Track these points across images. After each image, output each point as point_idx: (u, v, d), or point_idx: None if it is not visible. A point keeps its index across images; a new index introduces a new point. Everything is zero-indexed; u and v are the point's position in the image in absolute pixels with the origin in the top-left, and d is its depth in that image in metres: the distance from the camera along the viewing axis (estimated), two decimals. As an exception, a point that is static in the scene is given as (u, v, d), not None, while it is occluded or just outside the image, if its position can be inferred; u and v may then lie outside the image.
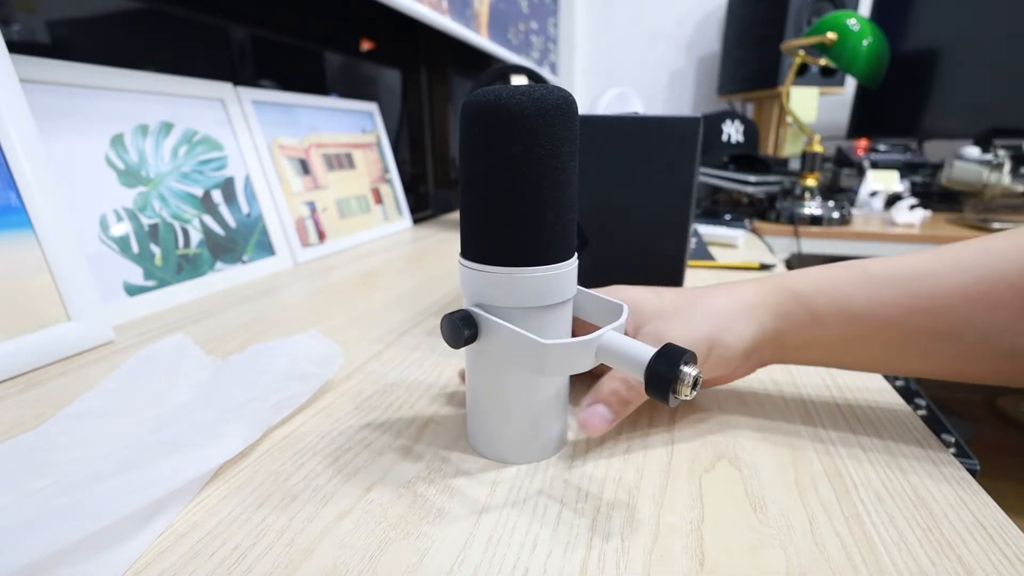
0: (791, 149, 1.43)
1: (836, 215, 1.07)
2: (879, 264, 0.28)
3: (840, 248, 1.05)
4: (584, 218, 0.40)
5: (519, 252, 0.24)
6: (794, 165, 1.28)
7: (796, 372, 0.38)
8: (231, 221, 0.62)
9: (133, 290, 0.50)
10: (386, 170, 0.95)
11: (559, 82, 1.77)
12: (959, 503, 0.24)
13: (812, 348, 0.30)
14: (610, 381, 0.28)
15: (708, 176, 1.20)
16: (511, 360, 0.25)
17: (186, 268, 0.56)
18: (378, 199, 0.91)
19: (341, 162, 0.84)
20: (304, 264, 0.70)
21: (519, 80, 0.85)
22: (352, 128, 0.88)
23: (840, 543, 0.22)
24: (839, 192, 1.33)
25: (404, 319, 0.50)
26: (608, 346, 0.24)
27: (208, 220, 0.59)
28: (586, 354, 0.24)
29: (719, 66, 1.63)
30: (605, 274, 0.40)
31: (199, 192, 0.59)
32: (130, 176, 0.52)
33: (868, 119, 1.48)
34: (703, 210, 1.16)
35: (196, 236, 0.57)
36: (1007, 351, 0.25)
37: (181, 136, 0.58)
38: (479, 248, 0.25)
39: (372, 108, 0.94)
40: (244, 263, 0.63)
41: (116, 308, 0.48)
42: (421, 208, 1.16)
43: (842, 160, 1.39)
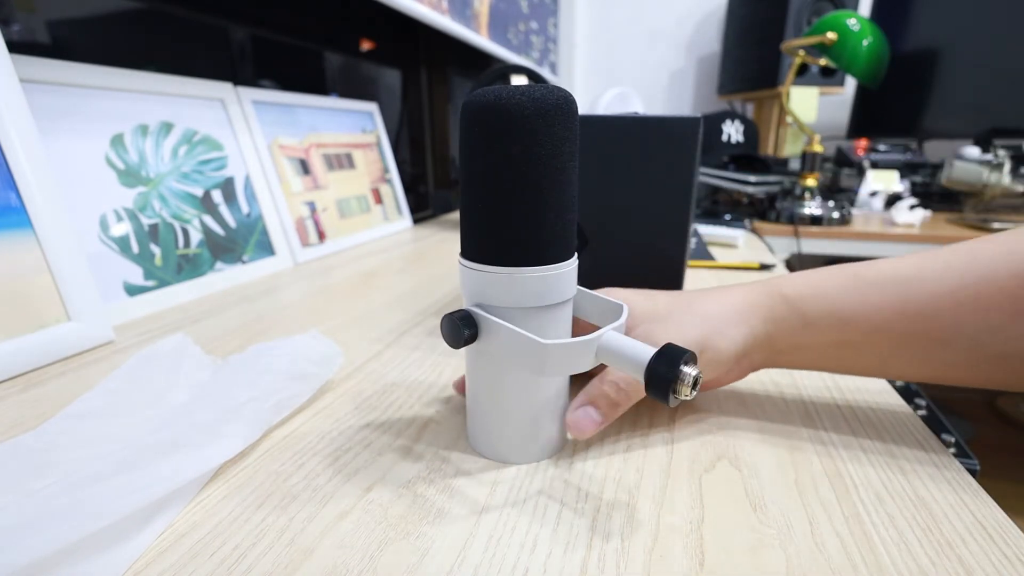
0: (791, 149, 1.43)
1: (836, 215, 1.07)
2: (870, 268, 0.28)
3: (840, 248, 1.05)
4: (584, 218, 0.40)
5: (519, 252, 0.24)
6: (794, 165, 1.28)
7: (796, 373, 0.38)
8: (231, 221, 0.62)
9: (133, 290, 0.50)
10: (386, 170, 0.95)
11: (559, 82, 1.77)
12: (959, 503, 0.24)
13: (803, 352, 0.30)
14: (599, 383, 0.28)
15: (708, 176, 1.20)
16: (511, 360, 0.25)
17: (186, 268, 0.56)
18: (378, 199, 0.91)
19: (341, 162, 0.84)
20: (304, 264, 0.71)
21: (519, 80, 0.85)
22: (352, 128, 0.88)
23: (840, 543, 0.22)
24: (839, 192, 1.33)
25: (404, 319, 0.50)
26: (608, 346, 0.24)
27: (208, 220, 0.59)
28: (586, 354, 0.24)
29: (719, 66, 1.63)
30: (605, 274, 0.40)
31: (199, 192, 0.59)
32: (130, 176, 0.52)
33: (868, 119, 1.48)
34: (703, 210, 1.16)
35: (196, 236, 0.57)
36: (998, 355, 0.25)
37: (181, 136, 0.58)
38: (479, 248, 0.25)
39: (372, 108, 0.94)
40: (244, 263, 0.63)
41: (116, 308, 0.48)
42: (421, 208, 1.16)
43: (842, 160, 1.39)
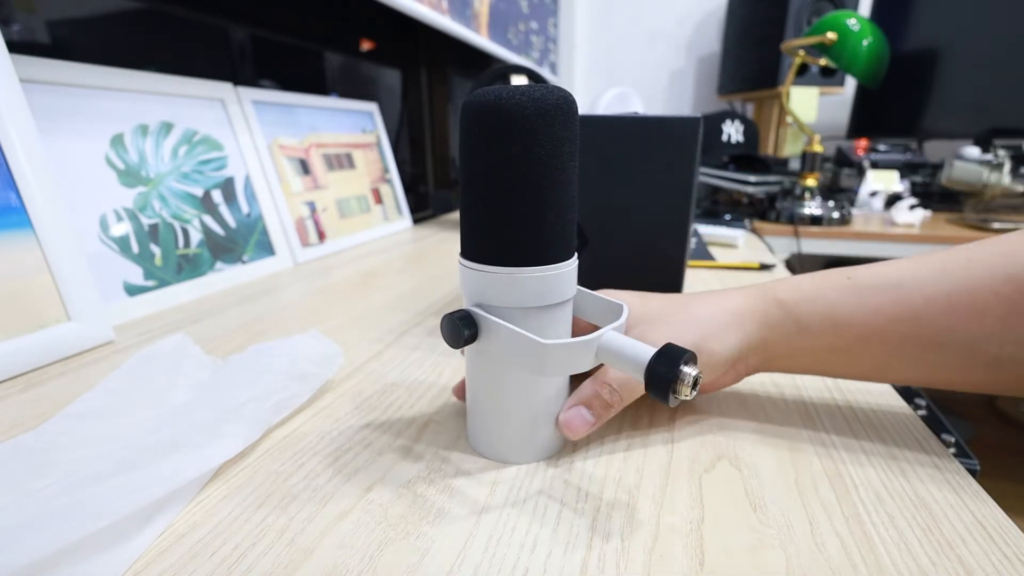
0: (791, 149, 1.43)
1: (836, 215, 1.07)
2: (865, 272, 0.28)
3: (840, 248, 1.05)
4: (584, 218, 0.40)
5: (519, 252, 0.24)
6: (794, 165, 1.28)
7: (796, 372, 0.38)
8: (231, 221, 0.62)
9: (133, 290, 0.50)
10: (386, 170, 0.95)
11: (559, 82, 1.77)
12: (959, 503, 0.24)
13: (798, 357, 0.30)
14: (592, 384, 0.28)
15: (708, 176, 1.20)
16: (511, 360, 0.25)
17: (186, 268, 0.56)
18: (378, 199, 0.91)
19: (341, 162, 0.84)
20: (304, 264, 0.71)
21: (519, 80, 0.85)
22: (352, 128, 0.88)
23: (840, 543, 0.22)
24: (839, 192, 1.33)
25: (404, 319, 0.50)
26: (608, 346, 0.24)
27: (208, 220, 0.59)
28: (586, 354, 0.24)
29: (719, 66, 1.63)
30: (605, 274, 0.40)
31: (199, 192, 0.59)
32: (130, 176, 0.52)
33: (868, 119, 1.48)
34: (703, 210, 1.16)
35: (196, 236, 0.57)
36: (993, 359, 0.25)
37: (181, 136, 0.58)
38: (479, 248, 0.25)
39: (372, 108, 0.94)
40: (244, 263, 0.63)
41: (116, 308, 0.48)
42: (421, 208, 1.16)
43: (842, 160, 1.39)
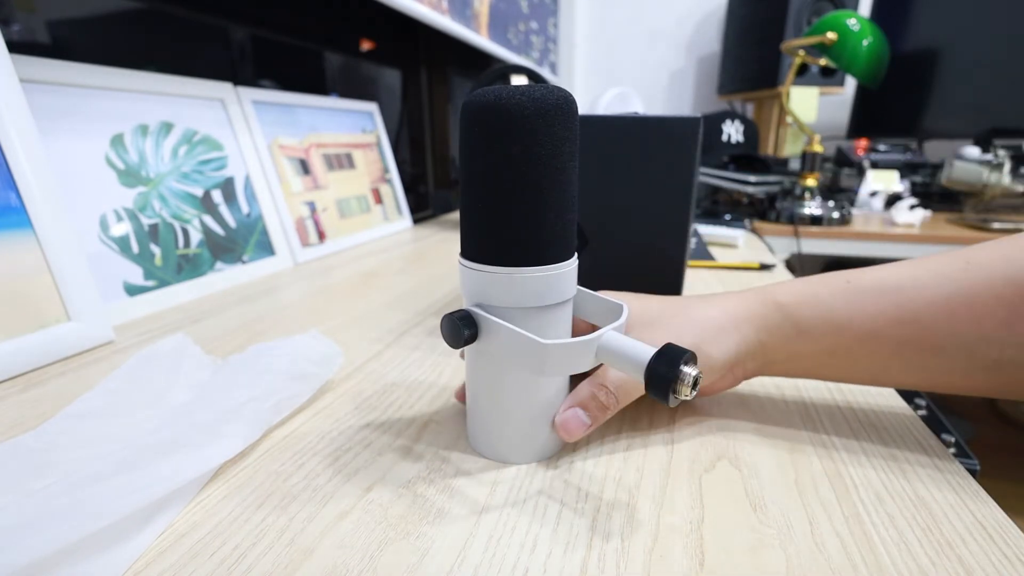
0: (791, 149, 1.43)
1: (836, 215, 1.07)
2: (864, 275, 0.28)
3: (840, 248, 1.05)
4: (584, 218, 0.40)
5: (519, 252, 0.24)
6: (794, 165, 1.28)
7: (796, 372, 0.38)
8: (231, 221, 0.62)
9: (133, 290, 0.50)
10: (386, 170, 0.95)
11: (559, 82, 1.77)
12: (959, 503, 0.24)
13: (797, 361, 0.30)
14: (589, 386, 0.28)
15: (708, 176, 1.20)
16: (511, 360, 0.25)
17: (186, 268, 0.56)
18: (378, 199, 0.91)
19: (341, 162, 0.84)
20: (304, 264, 0.71)
21: (519, 80, 0.85)
22: (352, 128, 0.88)
23: (840, 543, 0.22)
24: (839, 192, 1.33)
25: (404, 319, 0.50)
26: (608, 346, 0.24)
27: (208, 220, 0.59)
28: (586, 354, 0.24)
29: (719, 66, 1.63)
30: (605, 274, 0.40)
31: (199, 192, 0.59)
32: (130, 176, 0.52)
33: (868, 119, 1.48)
34: (703, 210, 1.16)
35: (196, 236, 0.57)
36: (993, 363, 0.25)
37: (181, 136, 0.58)
38: (479, 248, 0.25)
39: (372, 108, 0.94)
40: (244, 263, 0.63)
41: (116, 308, 0.48)
42: (421, 208, 1.16)
43: (842, 160, 1.39)
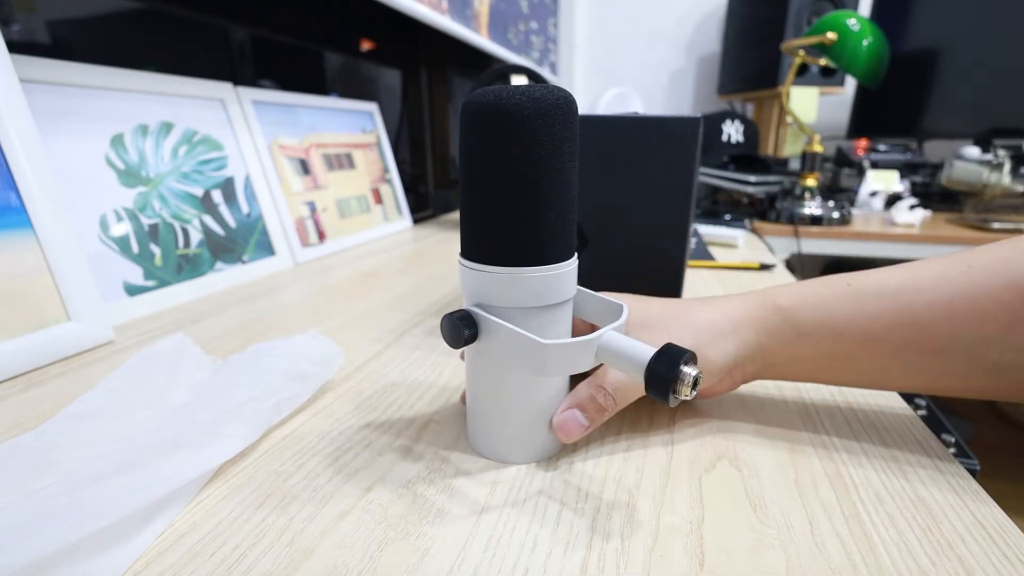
0: (791, 149, 1.43)
1: (836, 215, 1.07)
2: (864, 278, 0.28)
3: (840, 248, 1.05)
4: (584, 218, 0.40)
5: (519, 252, 0.24)
6: (794, 165, 1.28)
7: (796, 372, 0.38)
8: (231, 221, 0.62)
9: (133, 290, 0.50)
10: (386, 170, 0.95)
11: (559, 82, 1.77)
12: (959, 503, 0.24)
13: (797, 364, 0.29)
14: (587, 387, 0.28)
15: (708, 176, 1.20)
16: (511, 360, 0.25)
17: (186, 268, 0.56)
18: (378, 199, 0.91)
19: (341, 162, 0.84)
20: (304, 264, 0.71)
21: (519, 80, 0.85)
22: (352, 128, 0.88)
23: (840, 543, 0.22)
24: (839, 192, 1.33)
25: (404, 319, 0.50)
26: (608, 346, 0.23)
27: (208, 220, 0.59)
28: (586, 354, 0.24)
29: (719, 66, 1.63)
30: (605, 274, 0.40)
31: (199, 192, 0.59)
32: (130, 176, 0.52)
33: (868, 119, 1.48)
34: (703, 210, 1.16)
35: (196, 236, 0.57)
36: (994, 366, 0.25)
37: (181, 136, 0.58)
38: (479, 248, 0.25)
39: (372, 108, 0.94)
40: (244, 263, 0.63)
41: (116, 308, 0.48)
42: (421, 208, 1.16)
43: (842, 160, 1.39)
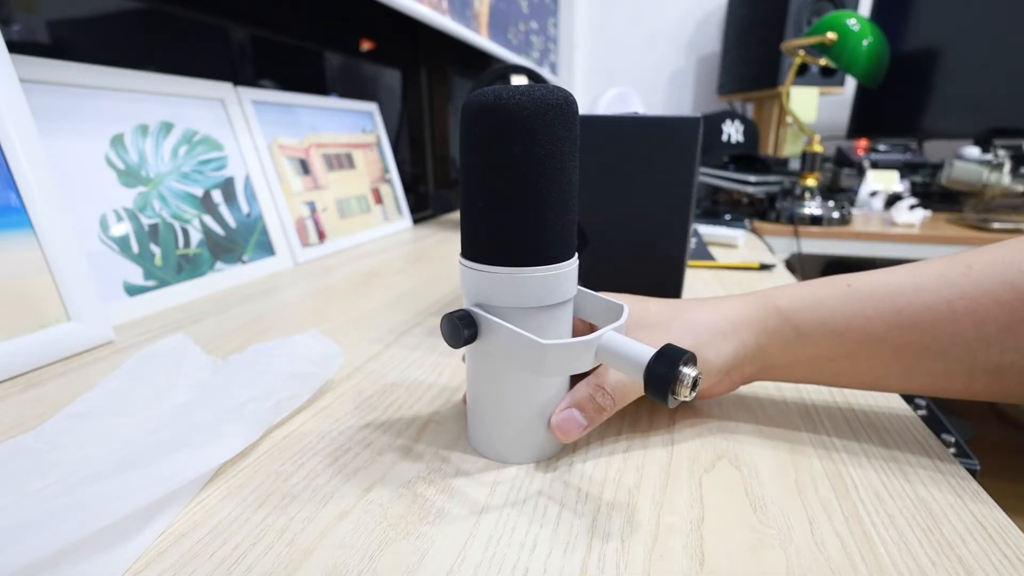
0: (791, 149, 1.43)
1: (836, 215, 1.07)
2: (864, 279, 0.28)
3: (840, 248, 1.05)
4: (584, 218, 0.40)
5: (519, 252, 0.24)
6: (794, 165, 1.28)
7: (796, 372, 0.38)
8: (231, 221, 0.62)
9: (133, 290, 0.50)
10: (386, 170, 0.95)
11: (559, 82, 1.77)
12: (959, 503, 0.24)
13: (797, 365, 0.29)
14: (586, 387, 0.28)
15: (708, 176, 1.20)
16: (510, 360, 0.25)
17: (186, 268, 0.56)
18: (378, 199, 0.91)
19: (341, 162, 0.84)
20: (304, 264, 0.71)
21: (519, 80, 0.85)
22: (352, 128, 0.88)
23: (840, 543, 0.22)
24: (839, 192, 1.33)
25: (404, 319, 0.50)
26: (608, 346, 0.23)
27: (208, 220, 0.59)
28: (585, 354, 0.24)
29: (719, 66, 1.63)
30: (605, 274, 0.40)
31: (199, 192, 0.59)
32: (130, 176, 0.52)
33: (868, 119, 1.48)
34: (703, 210, 1.16)
35: (196, 236, 0.57)
36: (994, 367, 0.25)
37: (181, 136, 0.58)
38: (479, 248, 0.25)
39: (372, 108, 0.94)
40: (244, 263, 0.63)
41: (116, 308, 0.48)
42: (421, 208, 1.16)
43: (842, 160, 1.39)
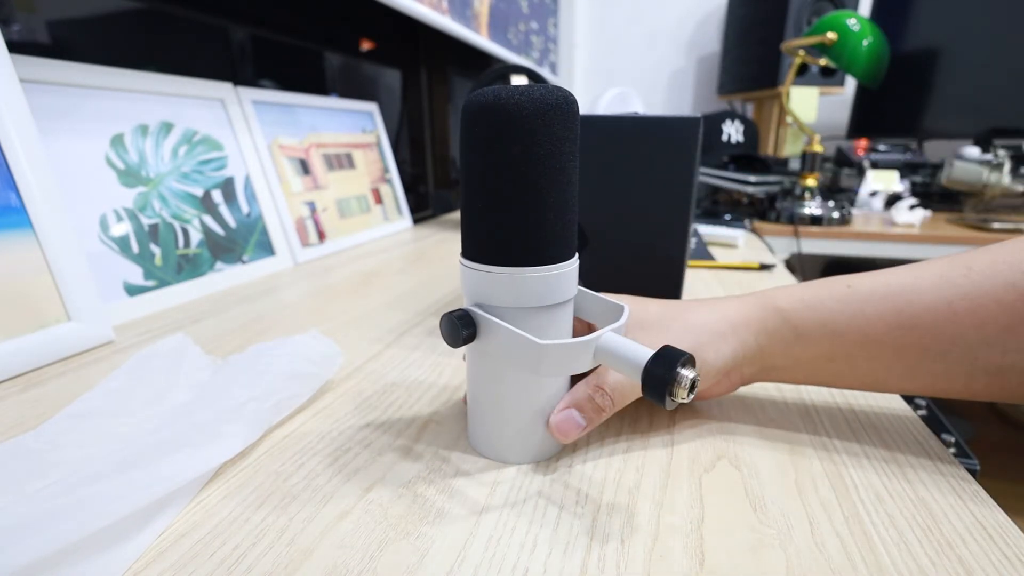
0: (791, 149, 1.43)
1: (836, 215, 1.07)
2: (864, 280, 0.28)
3: (840, 248, 1.05)
4: (584, 218, 0.40)
5: (519, 252, 0.24)
6: (794, 165, 1.28)
7: (796, 372, 0.38)
8: (231, 221, 0.62)
9: (133, 290, 0.50)
10: (386, 170, 0.95)
11: (559, 82, 1.77)
12: (959, 503, 0.24)
13: (797, 366, 0.29)
14: (585, 387, 0.28)
15: (708, 176, 1.20)
16: (509, 360, 0.25)
17: (186, 268, 0.56)
18: (378, 199, 0.91)
19: (341, 162, 0.84)
20: (304, 264, 0.71)
21: (519, 80, 0.85)
22: (352, 128, 0.88)
23: (840, 543, 0.22)
24: (839, 192, 1.33)
25: (404, 319, 0.50)
26: (606, 347, 0.23)
27: (208, 220, 0.59)
28: (584, 355, 0.24)
29: (719, 66, 1.63)
30: (605, 274, 0.40)
31: (199, 192, 0.59)
32: (130, 176, 0.52)
33: (868, 119, 1.48)
34: (703, 210, 1.16)
35: (196, 236, 0.57)
36: (995, 368, 0.25)
37: (181, 136, 0.58)
38: (479, 248, 0.25)
39: (372, 108, 0.94)
40: (244, 263, 0.63)
41: (116, 308, 0.48)
42: (421, 208, 1.16)
43: (842, 160, 1.39)
